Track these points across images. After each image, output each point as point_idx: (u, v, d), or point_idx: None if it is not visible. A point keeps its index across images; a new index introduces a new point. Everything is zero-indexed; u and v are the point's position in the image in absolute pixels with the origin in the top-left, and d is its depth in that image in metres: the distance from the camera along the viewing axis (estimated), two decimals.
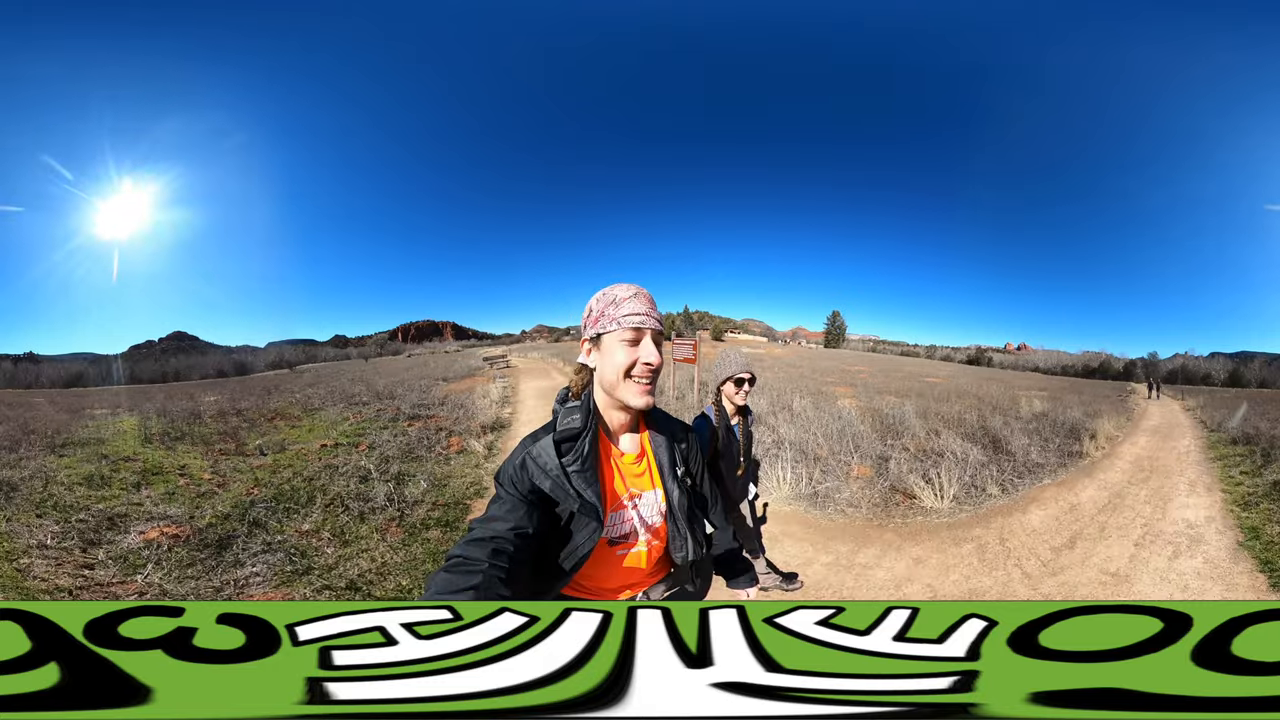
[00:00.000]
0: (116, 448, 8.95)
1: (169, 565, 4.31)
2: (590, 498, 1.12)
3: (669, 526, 1.27)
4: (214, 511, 5.52)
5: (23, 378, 26.71)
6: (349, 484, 6.43)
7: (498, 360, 23.03)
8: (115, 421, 12.06)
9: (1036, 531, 5.32)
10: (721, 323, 57.28)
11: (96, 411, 14.44)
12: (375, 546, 4.67)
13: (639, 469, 1.26)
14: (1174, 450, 9.95)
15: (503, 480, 1.14)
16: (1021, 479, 7.15)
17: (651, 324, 1.16)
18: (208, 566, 4.30)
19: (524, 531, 1.04)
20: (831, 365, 32.79)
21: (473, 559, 0.94)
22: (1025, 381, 30.94)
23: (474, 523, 1.06)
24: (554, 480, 1.11)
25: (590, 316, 1.21)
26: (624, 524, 1.21)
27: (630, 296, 1.17)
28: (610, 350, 1.16)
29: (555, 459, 1.12)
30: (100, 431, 10.56)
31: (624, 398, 1.17)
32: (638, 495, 1.24)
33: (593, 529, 1.12)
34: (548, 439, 1.15)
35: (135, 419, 12.28)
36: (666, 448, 1.29)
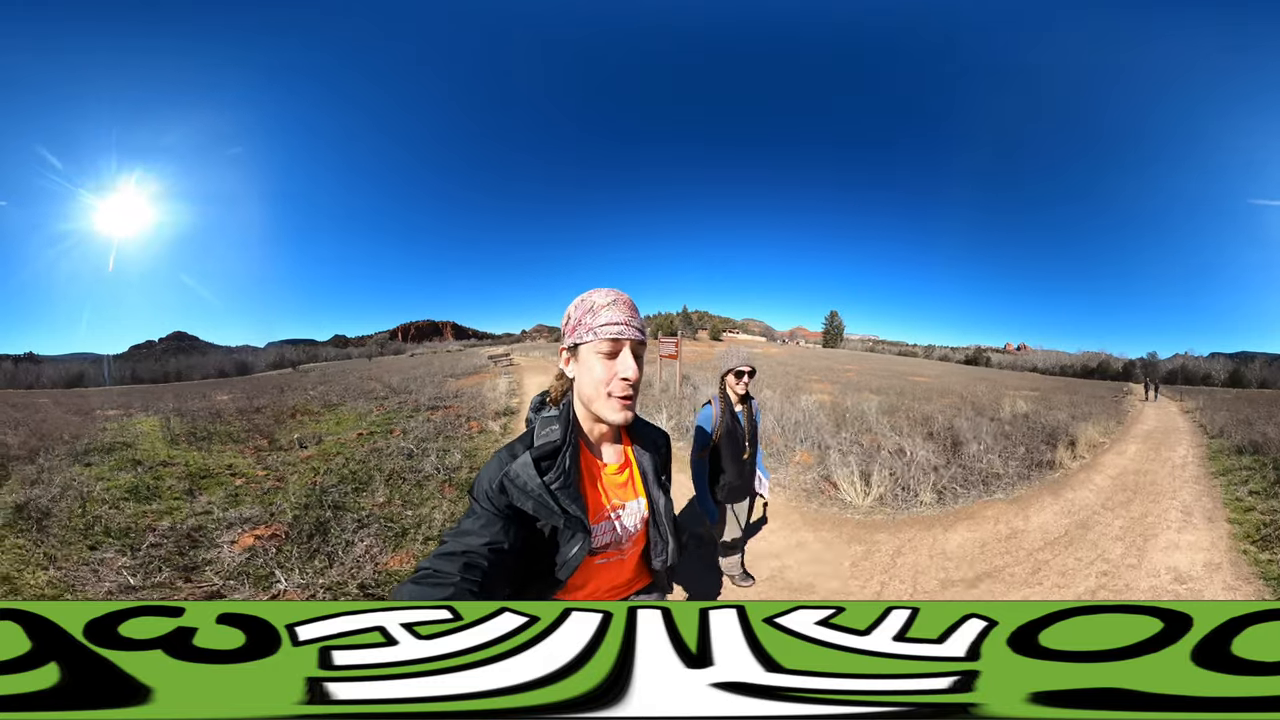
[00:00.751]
0: (146, 452, 8.39)
1: (291, 565, 4.21)
2: (575, 512, 1.08)
3: (651, 533, 1.25)
4: (291, 504, 5.61)
5: (24, 378, 26.73)
6: (397, 461, 7.12)
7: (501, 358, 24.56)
8: (132, 423, 11.58)
9: (944, 555, 4.41)
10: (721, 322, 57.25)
11: (108, 413, 14.04)
12: (440, 503, 5.55)
13: (621, 479, 1.23)
14: (1167, 462, 8.50)
15: (478, 496, 1.07)
16: (967, 489, 6.28)
17: (631, 334, 1.09)
18: (325, 555, 4.39)
19: (499, 547, 1.00)
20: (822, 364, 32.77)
21: (444, 572, 0.91)
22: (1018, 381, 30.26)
23: (446, 535, 1.02)
24: (536, 500, 1.05)
25: (568, 324, 1.15)
26: (605, 535, 1.18)
27: (608, 304, 1.11)
28: (587, 363, 1.11)
29: (536, 478, 1.05)
30: (122, 434, 10.00)
31: (602, 414, 1.12)
32: (620, 506, 1.21)
33: (580, 542, 1.09)
34: (526, 457, 1.07)
35: (154, 420, 11.88)
36: (650, 457, 1.27)
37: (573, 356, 1.15)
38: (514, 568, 1.04)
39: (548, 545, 1.10)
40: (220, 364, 33.18)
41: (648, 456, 1.27)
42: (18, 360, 29.70)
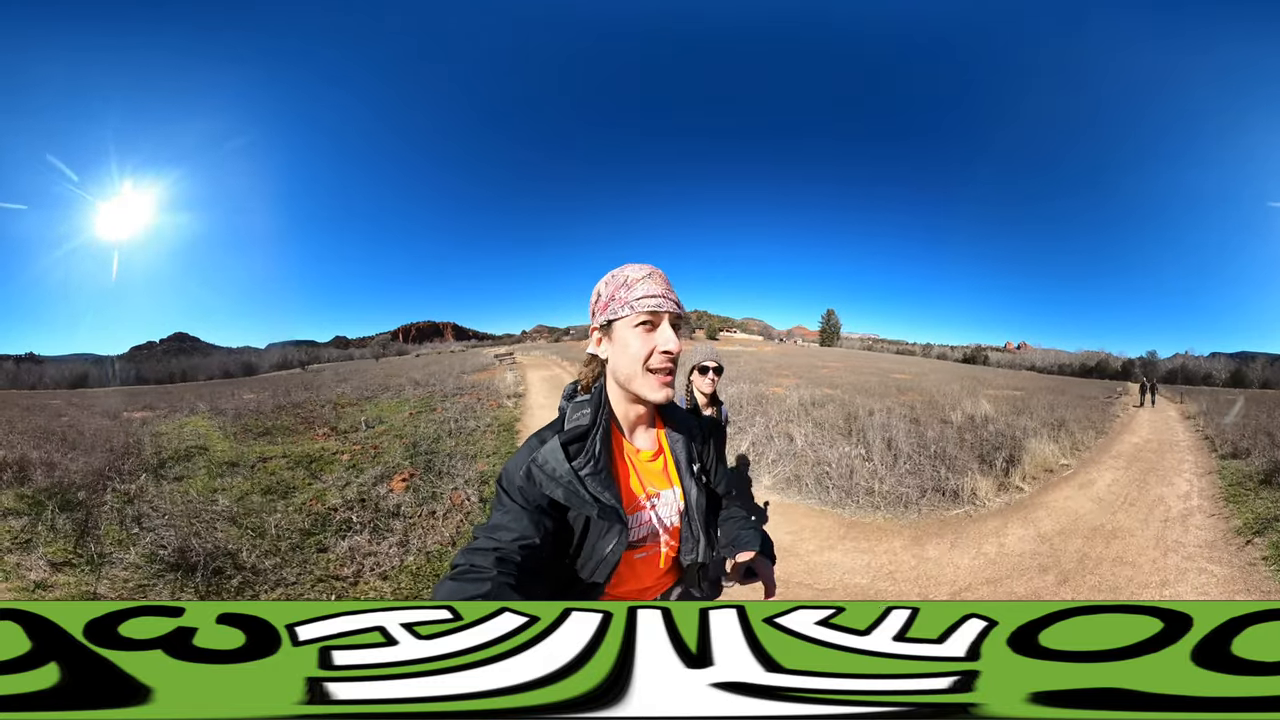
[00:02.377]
0: (225, 453, 8.29)
1: (438, 482, 6.44)
2: (609, 500, 1.01)
3: (683, 527, 1.18)
4: (402, 458, 7.65)
5: (26, 378, 26.72)
6: (450, 425, 10.02)
7: (505, 356, 29.23)
8: (180, 424, 11.22)
9: None
10: (720, 322, 57.10)
11: (134, 415, 13.50)
12: (487, 442, 8.67)
13: (656, 466, 1.17)
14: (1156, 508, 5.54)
15: (507, 487, 1.03)
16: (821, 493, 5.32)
17: (669, 306, 1.05)
18: (447, 473, 6.77)
19: (530, 542, 0.96)
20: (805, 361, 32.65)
21: (480, 567, 0.89)
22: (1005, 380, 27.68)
23: (477, 530, 1.00)
24: (566, 487, 1.00)
25: (599, 302, 1.09)
26: (641, 526, 1.11)
27: (644, 277, 1.06)
28: (623, 339, 1.06)
29: (565, 463, 1.00)
30: (181, 438, 9.46)
31: (641, 391, 1.06)
32: (655, 495, 1.14)
33: (618, 533, 1.03)
34: (554, 441, 1.03)
35: (201, 420, 11.62)
36: (684, 444, 1.20)
37: (605, 335, 1.09)
38: (550, 563, 1.01)
39: (583, 542, 1.05)
40: (225, 365, 33.15)
41: (680, 442, 1.20)
42: (19, 360, 29.72)
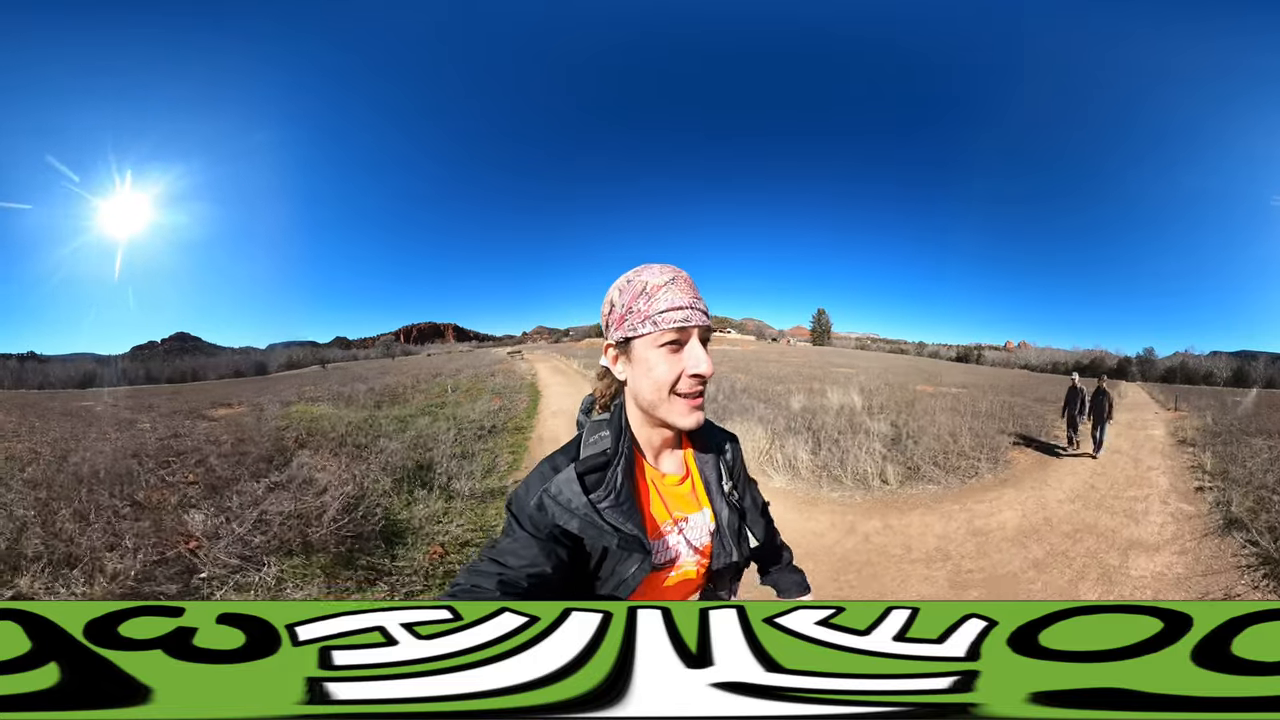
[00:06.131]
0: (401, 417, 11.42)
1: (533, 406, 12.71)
2: (630, 530, 0.91)
3: (715, 545, 1.07)
4: (490, 394, 14.65)
5: (29, 378, 26.66)
6: (501, 382, 15.28)
7: (515, 353, 38.97)
8: (287, 412, 12.85)
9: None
10: (716, 322, 57.44)
11: (219, 412, 14.18)
12: (525, 398, 14.23)
13: (684, 490, 1.06)
14: None
15: (517, 514, 0.93)
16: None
17: (698, 319, 0.93)
18: (516, 398, 14.06)
19: (538, 571, 0.87)
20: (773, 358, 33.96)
21: (482, 588, 0.83)
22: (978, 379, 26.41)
23: (483, 552, 0.92)
24: (582, 519, 0.90)
25: (613, 314, 0.96)
26: (669, 550, 1.01)
27: (667, 283, 0.93)
28: (646, 360, 0.93)
29: (581, 495, 0.90)
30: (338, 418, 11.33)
31: (668, 418, 0.95)
32: (683, 519, 1.03)
33: (638, 562, 0.93)
34: (569, 471, 0.92)
35: (324, 407, 13.86)
36: (714, 463, 1.09)
37: (622, 354, 0.97)
38: (560, 590, 0.91)
39: (603, 560, 0.96)
40: (235, 364, 33.16)
41: (710, 462, 1.09)
42: (23, 359, 29.67)
